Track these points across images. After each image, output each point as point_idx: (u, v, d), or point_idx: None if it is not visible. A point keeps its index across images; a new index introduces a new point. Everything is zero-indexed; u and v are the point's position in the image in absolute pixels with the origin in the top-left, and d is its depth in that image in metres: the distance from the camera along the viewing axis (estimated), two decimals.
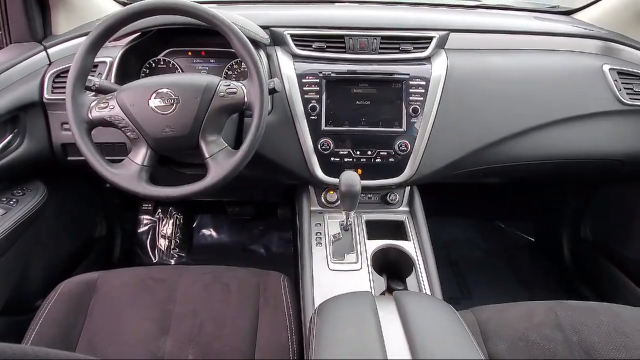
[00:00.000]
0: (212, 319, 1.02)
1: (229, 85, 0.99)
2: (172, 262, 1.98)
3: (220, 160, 0.98)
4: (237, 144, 1.11)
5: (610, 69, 1.28)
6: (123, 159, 1.00)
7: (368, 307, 0.77)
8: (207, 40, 1.22)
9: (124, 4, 1.45)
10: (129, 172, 0.98)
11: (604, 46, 1.37)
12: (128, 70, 1.19)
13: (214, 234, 2.09)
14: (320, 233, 1.21)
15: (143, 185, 0.97)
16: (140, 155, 0.99)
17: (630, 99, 1.27)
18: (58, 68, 1.19)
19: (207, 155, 0.98)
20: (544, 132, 1.27)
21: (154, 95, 0.97)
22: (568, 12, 1.60)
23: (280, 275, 1.13)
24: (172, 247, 1.99)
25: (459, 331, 0.74)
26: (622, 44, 1.35)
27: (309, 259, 1.12)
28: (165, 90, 0.97)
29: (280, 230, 2.05)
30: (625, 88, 1.27)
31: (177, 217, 2.01)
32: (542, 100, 1.26)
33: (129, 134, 0.99)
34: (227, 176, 0.96)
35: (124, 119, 0.97)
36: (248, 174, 1.06)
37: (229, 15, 1.01)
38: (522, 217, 2.16)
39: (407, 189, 1.31)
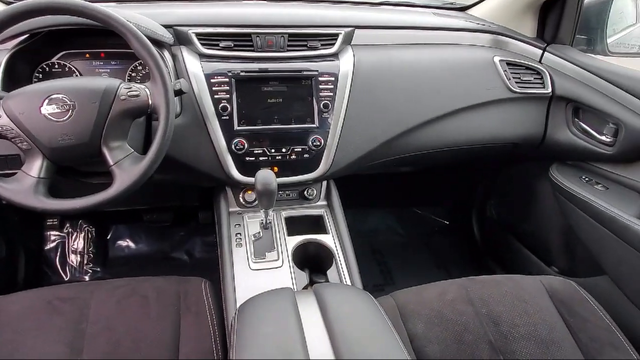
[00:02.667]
0: (129, 334, 0.97)
1: (131, 87, 0.95)
2: (87, 278, 1.86)
3: (127, 167, 0.93)
4: (146, 149, 1.06)
5: (500, 60, 1.40)
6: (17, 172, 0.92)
7: (288, 302, 0.78)
8: (106, 41, 1.15)
9: (8, 3, 1.32)
10: (24, 186, 0.90)
11: (494, 39, 1.48)
12: (17, 75, 1.09)
13: (131, 244, 1.99)
14: (241, 234, 1.20)
15: (40, 199, 0.90)
16: (35, 167, 0.91)
17: (519, 87, 1.39)
18: None
19: (111, 163, 0.93)
20: (447, 121, 1.35)
21: (47, 101, 0.90)
22: (463, 9, 1.71)
23: (202, 280, 1.10)
24: (85, 262, 1.86)
25: (376, 316, 0.77)
26: (509, 37, 1.48)
27: (229, 261, 1.11)
28: (58, 95, 0.90)
29: (203, 234, 2.00)
30: (513, 77, 1.39)
31: (88, 230, 1.88)
32: (443, 91, 1.34)
33: (20, 145, 0.91)
34: (135, 183, 0.92)
35: (13, 129, 0.89)
36: (161, 179, 1.03)
37: (126, 14, 0.96)
38: (436, 202, 2.30)
39: (324, 183, 1.34)
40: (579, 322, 1.08)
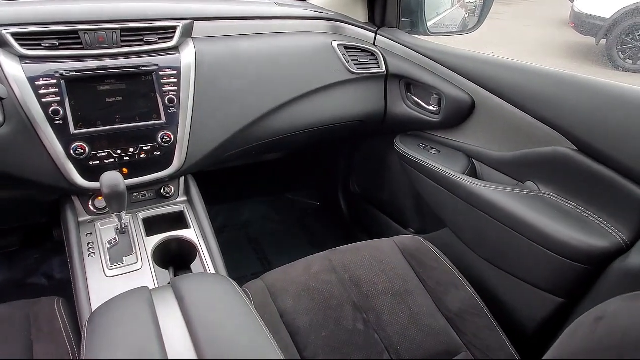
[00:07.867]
0: None
1: None
2: None
3: None
4: None
5: (338, 45, 1.50)
6: None
7: (143, 301, 0.76)
8: None
9: None
10: None
11: (332, 26, 1.58)
12: None
13: None
14: (93, 243, 1.13)
15: None
16: None
17: (357, 68, 1.50)
18: None
19: None
20: (296, 106, 1.41)
21: None
22: None
23: (54, 299, 1.02)
24: None
25: (233, 298, 0.79)
26: (345, 23, 1.59)
27: (81, 272, 1.04)
28: None
29: (61, 252, 1.82)
30: (352, 60, 1.50)
31: None
32: (288, 78, 1.39)
33: None
34: None
35: None
36: None
37: None
38: (306, 186, 2.39)
39: (182, 179, 1.31)
40: (426, 270, 1.22)
